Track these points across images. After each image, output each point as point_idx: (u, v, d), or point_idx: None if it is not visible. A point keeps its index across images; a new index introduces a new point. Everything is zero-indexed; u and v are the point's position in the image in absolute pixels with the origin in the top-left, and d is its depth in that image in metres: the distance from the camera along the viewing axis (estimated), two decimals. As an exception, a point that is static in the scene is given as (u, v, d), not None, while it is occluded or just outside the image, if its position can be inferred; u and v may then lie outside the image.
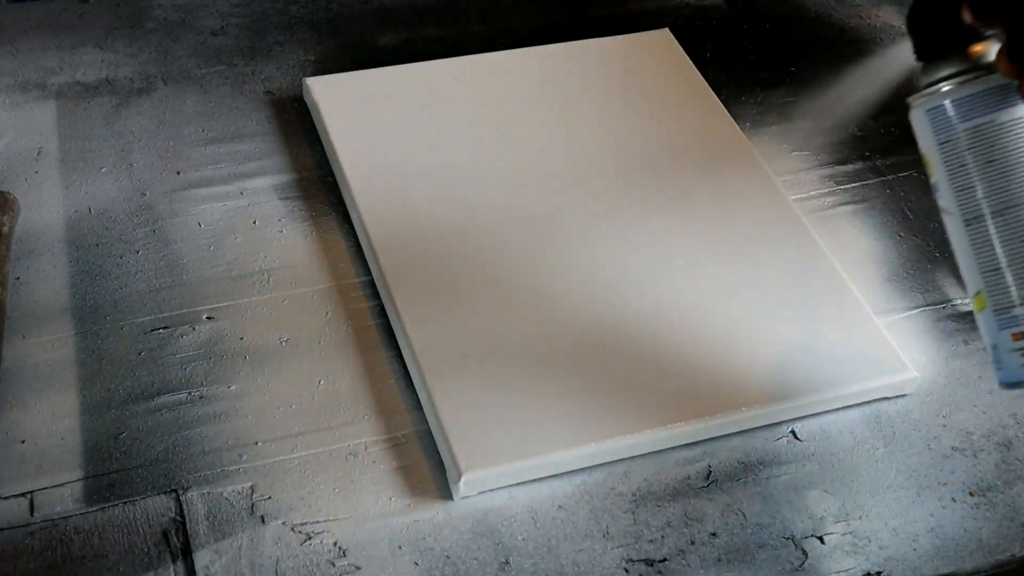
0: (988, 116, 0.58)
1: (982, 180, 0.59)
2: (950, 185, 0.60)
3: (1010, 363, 0.60)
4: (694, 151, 0.86)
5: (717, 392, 0.71)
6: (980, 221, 0.60)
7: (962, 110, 0.59)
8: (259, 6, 0.97)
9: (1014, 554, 0.68)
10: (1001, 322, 0.60)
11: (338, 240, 0.80)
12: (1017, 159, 0.58)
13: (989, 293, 0.60)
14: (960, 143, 0.59)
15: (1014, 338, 0.60)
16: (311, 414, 0.70)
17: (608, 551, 0.65)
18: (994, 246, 0.59)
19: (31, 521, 0.63)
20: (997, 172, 0.59)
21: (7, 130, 0.84)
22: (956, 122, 0.59)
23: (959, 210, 0.60)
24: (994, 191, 0.59)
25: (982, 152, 0.59)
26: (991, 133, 0.58)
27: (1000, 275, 0.60)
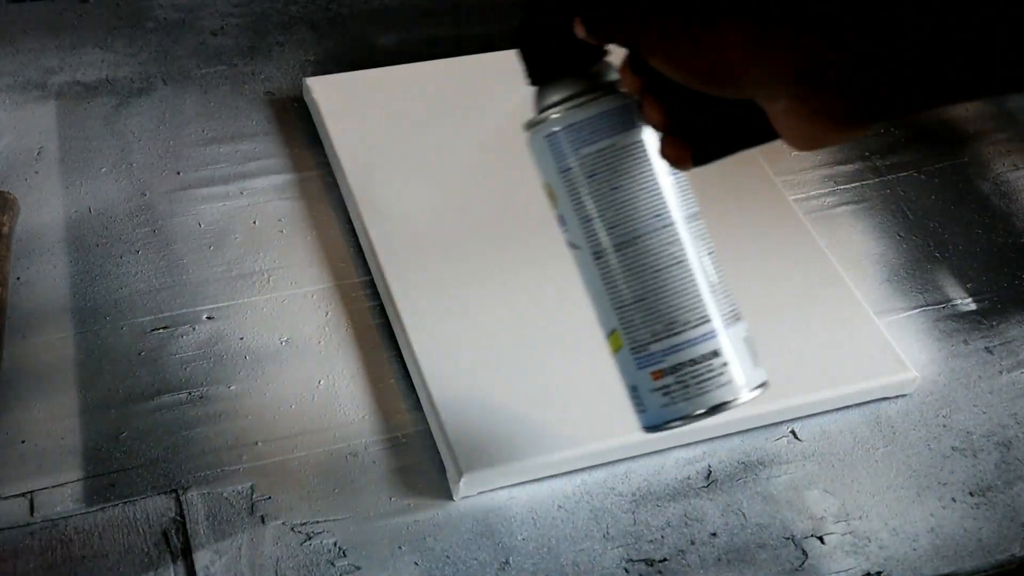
0: (609, 140, 0.54)
1: (606, 210, 0.54)
2: (576, 217, 0.55)
3: (652, 404, 0.56)
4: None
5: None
6: (607, 254, 0.55)
7: (581, 135, 0.54)
8: (259, 6, 0.97)
9: (1014, 554, 0.68)
10: (639, 361, 0.56)
11: (338, 240, 0.80)
12: (642, 184, 0.54)
13: (624, 331, 0.56)
14: (582, 170, 0.54)
15: (654, 376, 0.55)
16: (311, 414, 0.70)
17: (608, 551, 0.65)
18: (625, 280, 0.55)
19: (31, 521, 0.63)
20: (622, 200, 0.54)
21: (7, 130, 0.84)
22: (576, 148, 0.54)
23: (587, 243, 0.56)
24: (621, 220, 0.54)
25: (606, 179, 0.54)
26: (613, 158, 0.54)
27: (633, 310, 0.55)
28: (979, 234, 0.86)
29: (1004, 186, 0.91)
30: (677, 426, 0.56)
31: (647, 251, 0.55)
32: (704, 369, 0.55)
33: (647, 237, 0.54)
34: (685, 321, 0.55)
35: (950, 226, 0.87)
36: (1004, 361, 0.78)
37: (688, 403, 0.55)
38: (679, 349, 0.55)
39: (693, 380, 0.55)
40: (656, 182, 0.55)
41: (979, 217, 0.88)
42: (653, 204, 0.54)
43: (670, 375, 0.55)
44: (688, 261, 0.55)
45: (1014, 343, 0.79)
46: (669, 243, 0.55)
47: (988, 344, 0.79)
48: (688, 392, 0.55)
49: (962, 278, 0.83)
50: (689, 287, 0.55)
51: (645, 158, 0.54)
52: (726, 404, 0.55)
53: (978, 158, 0.93)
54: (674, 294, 0.55)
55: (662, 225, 0.55)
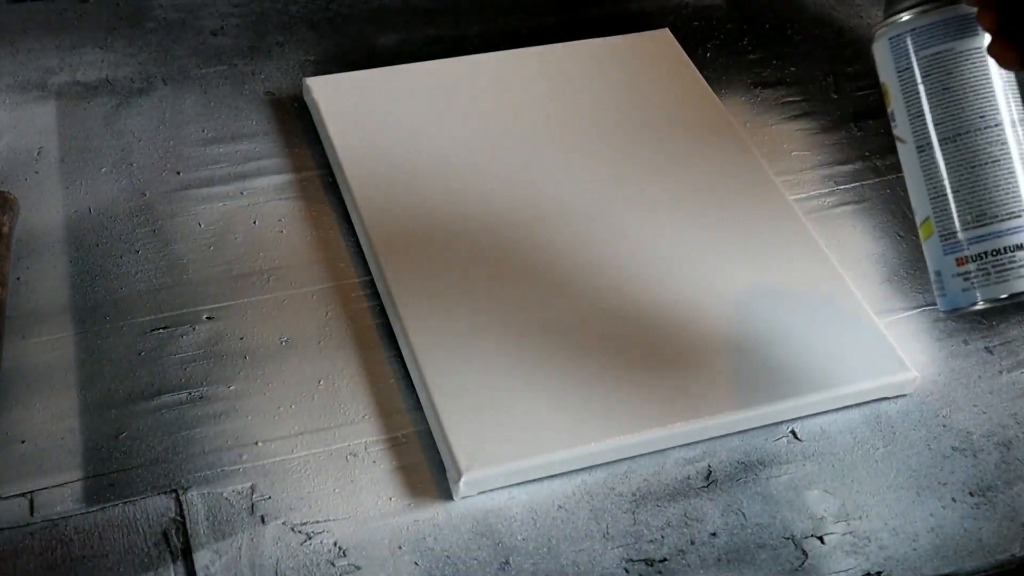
0: (946, 45, 0.61)
1: (936, 107, 0.61)
2: (906, 112, 0.63)
3: (953, 288, 0.62)
4: (694, 151, 0.86)
5: (717, 392, 0.71)
6: (931, 148, 0.62)
7: (922, 38, 0.61)
8: (259, 6, 0.97)
9: (1014, 554, 0.68)
10: (946, 247, 0.62)
11: (338, 240, 0.80)
12: (971, 87, 0.61)
13: (936, 219, 0.62)
14: (917, 71, 0.62)
15: (958, 263, 0.61)
16: (311, 414, 0.70)
17: (608, 551, 0.65)
18: (943, 172, 0.62)
19: (31, 521, 0.63)
20: (950, 99, 0.61)
21: (7, 130, 0.84)
22: (915, 50, 0.61)
23: (912, 137, 0.62)
24: (946, 118, 0.61)
25: (938, 79, 0.61)
26: (948, 61, 0.61)
27: (947, 201, 0.62)
28: (979, 234, 0.86)
29: (1004, 186, 0.91)
30: (974, 309, 0.62)
31: (968, 147, 0.61)
32: (1007, 260, 0.60)
33: (970, 135, 0.61)
34: (995, 214, 0.60)
35: (950, 226, 0.87)
36: (1004, 361, 0.78)
37: (987, 289, 0.61)
38: (985, 239, 0.61)
39: (995, 268, 0.61)
40: (984, 86, 0.61)
41: (979, 217, 0.88)
42: (979, 105, 0.61)
43: (973, 262, 0.61)
44: (1005, 159, 0.61)
45: (1014, 343, 0.79)
46: (990, 142, 0.61)
47: (988, 344, 0.79)
48: (988, 279, 0.61)
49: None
50: (1003, 183, 0.61)
51: (975, 64, 0.61)
52: (1019, 295, 0.61)
53: (978, 158, 0.93)
54: (987, 188, 0.61)
55: (985, 125, 0.61)
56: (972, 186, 0.61)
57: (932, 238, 0.63)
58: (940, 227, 0.62)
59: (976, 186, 0.61)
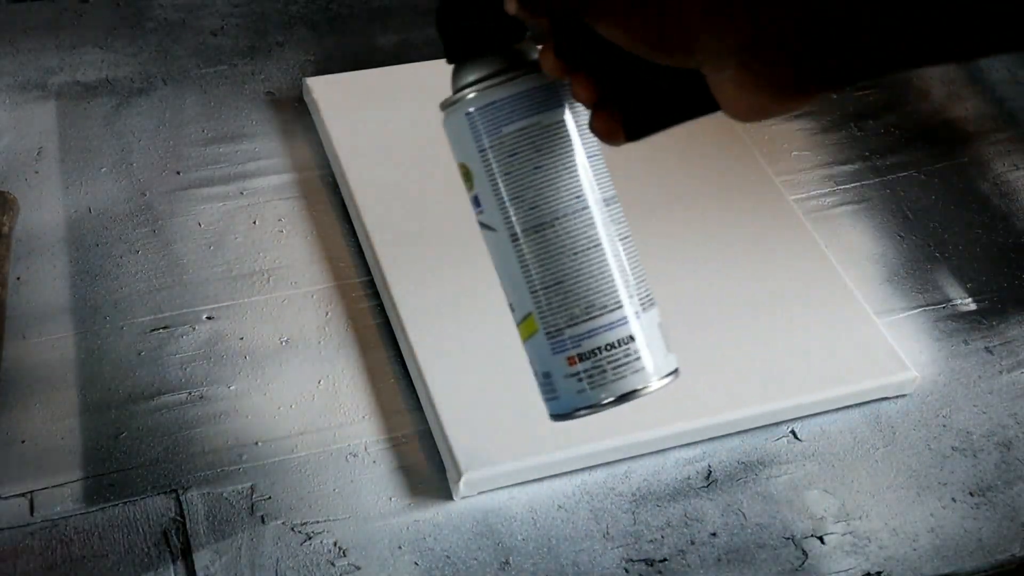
0: (532, 119, 0.52)
1: (528, 189, 0.53)
2: (493, 197, 0.54)
3: (567, 390, 0.54)
4: (694, 151, 0.86)
5: (717, 392, 0.71)
6: (528, 235, 0.53)
7: (503, 113, 0.53)
8: (259, 6, 0.97)
9: (1014, 554, 0.68)
10: (555, 346, 0.54)
11: (338, 240, 0.80)
12: (564, 164, 0.53)
13: (540, 315, 0.54)
14: (503, 149, 0.53)
15: (569, 362, 0.54)
16: (311, 414, 0.70)
17: (608, 551, 0.65)
18: (544, 262, 0.53)
19: (31, 521, 0.63)
20: (543, 180, 0.53)
21: (7, 130, 0.84)
22: (497, 127, 0.53)
23: (504, 225, 0.54)
24: (541, 201, 0.53)
25: (527, 158, 0.53)
26: (536, 137, 0.53)
27: (551, 294, 0.54)
28: (979, 234, 0.86)
29: (1004, 186, 0.91)
30: (586, 414, 0.54)
31: (566, 233, 0.53)
32: (621, 354, 0.53)
33: (566, 219, 0.53)
34: (603, 305, 0.53)
35: (950, 226, 0.87)
36: (1004, 361, 0.78)
37: (602, 390, 0.53)
38: (596, 333, 0.53)
39: (610, 365, 0.53)
40: (576, 163, 0.53)
41: (979, 217, 0.88)
42: (573, 186, 0.53)
43: (587, 360, 0.53)
44: (603, 245, 0.53)
45: (1014, 343, 0.79)
46: (587, 225, 0.53)
47: (988, 344, 0.79)
48: (605, 378, 0.53)
49: (962, 278, 0.83)
50: (605, 270, 0.53)
51: (567, 138, 0.53)
52: (637, 392, 0.54)
53: (978, 158, 0.93)
54: (591, 277, 0.53)
55: (581, 207, 0.53)
56: (575, 276, 0.53)
57: (537, 336, 0.54)
58: (545, 324, 0.54)
59: (579, 275, 0.53)
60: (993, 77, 1.00)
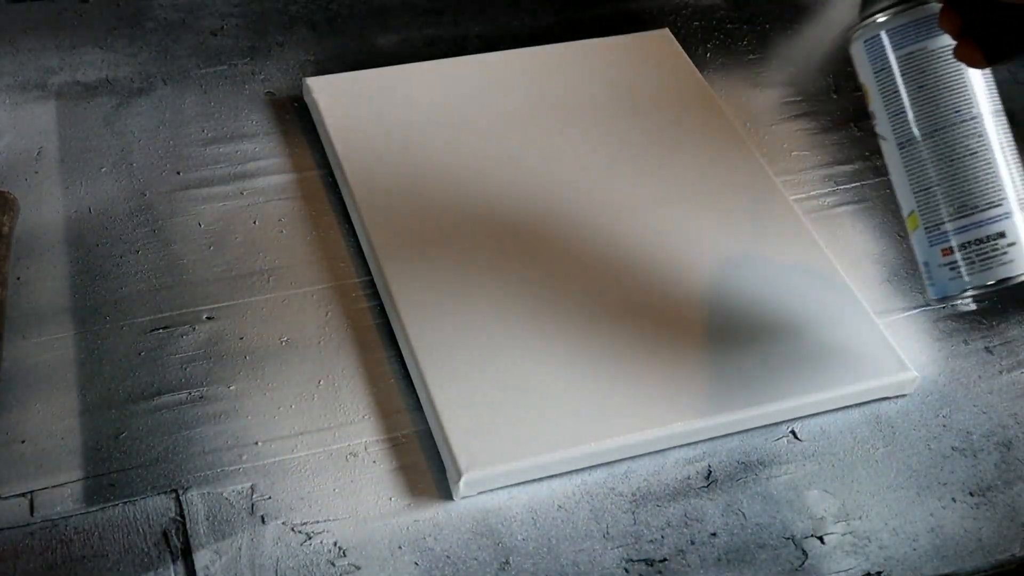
0: (920, 44, 0.63)
1: (914, 104, 0.63)
2: (885, 111, 0.64)
3: (940, 278, 0.64)
4: (694, 151, 0.86)
5: (717, 392, 0.71)
6: (912, 144, 0.64)
7: (896, 38, 0.63)
8: (259, 6, 0.97)
9: (1014, 554, 0.68)
10: (932, 239, 0.64)
11: (338, 240, 0.80)
12: (946, 83, 0.63)
13: (921, 212, 0.64)
14: (894, 70, 0.64)
15: (943, 254, 0.64)
16: (311, 414, 0.70)
17: (608, 551, 0.65)
18: (925, 167, 0.63)
19: (31, 521, 0.63)
20: (927, 96, 0.63)
21: (7, 130, 0.84)
22: (891, 50, 0.64)
23: (893, 134, 0.64)
24: (925, 114, 0.63)
25: (914, 78, 0.63)
26: (922, 60, 0.63)
27: (931, 194, 0.63)
28: (979, 234, 0.86)
29: (1004, 186, 0.91)
30: (961, 297, 0.65)
31: (946, 141, 0.63)
32: (990, 248, 0.62)
33: (947, 130, 0.63)
34: (975, 205, 0.62)
35: (950, 226, 0.87)
36: (1004, 361, 0.78)
37: (973, 277, 0.63)
38: (967, 229, 0.63)
39: (979, 257, 0.63)
40: (958, 81, 0.63)
41: (979, 217, 0.88)
42: (954, 101, 0.63)
43: (958, 252, 0.63)
44: (982, 151, 0.63)
45: (1014, 343, 0.79)
46: (967, 135, 0.63)
47: (988, 344, 0.79)
48: (973, 267, 0.63)
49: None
50: (982, 174, 0.62)
51: (949, 61, 0.63)
52: (1009, 279, 0.63)
53: (978, 158, 0.93)
54: (967, 180, 0.63)
55: (961, 120, 0.63)
56: (953, 178, 0.63)
57: (918, 230, 0.65)
58: (925, 219, 0.64)
59: (957, 178, 0.63)
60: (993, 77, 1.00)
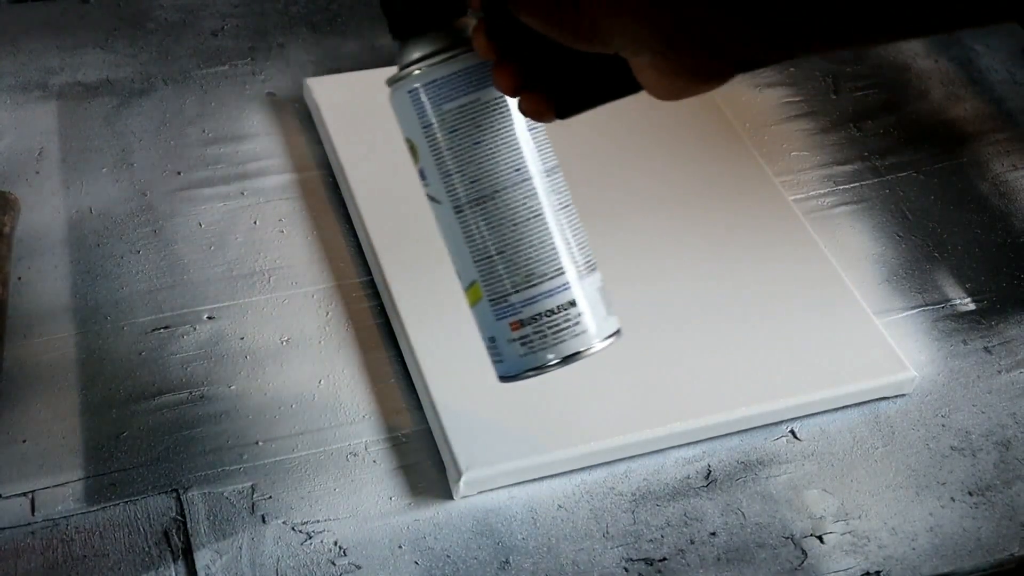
0: (471, 96, 0.55)
1: (469, 164, 0.56)
2: (438, 171, 0.56)
3: (511, 354, 0.57)
4: (693, 152, 0.86)
5: (717, 392, 0.71)
6: (471, 207, 0.56)
7: (443, 91, 0.55)
8: (259, 6, 0.97)
9: (1013, 553, 0.68)
10: (498, 312, 0.57)
11: (338, 240, 0.80)
12: (503, 139, 0.56)
13: (484, 283, 0.57)
14: (445, 125, 0.55)
15: (512, 327, 0.57)
16: (311, 414, 0.70)
17: (608, 550, 0.65)
18: (486, 233, 0.56)
19: (32, 520, 0.63)
20: (483, 155, 0.55)
21: (8, 130, 0.84)
22: (439, 103, 0.55)
23: (448, 198, 0.57)
24: (482, 174, 0.56)
25: (468, 134, 0.55)
26: (475, 113, 0.55)
27: (493, 263, 0.57)
28: (978, 234, 0.87)
29: (1003, 186, 0.91)
30: (532, 376, 0.57)
31: (507, 204, 0.56)
32: (561, 319, 0.56)
33: (507, 191, 0.56)
34: (543, 272, 0.56)
35: (949, 226, 0.87)
36: (1003, 361, 0.78)
37: (545, 352, 0.57)
38: (537, 300, 0.56)
39: (550, 329, 0.57)
40: (516, 137, 0.56)
41: (978, 217, 0.88)
42: (513, 159, 0.56)
43: (528, 325, 0.57)
44: (545, 214, 0.56)
45: (1013, 343, 0.79)
46: (528, 196, 0.56)
47: (987, 344, 0.79)
48: (546, 341, 0.57)
49: (961, 278, 0.83)
50: (546, 239, 0.56)
51: (506, 113, 0.56)
52: (580, 353, 0.57)
53: (977, 158, 0.93)
54: (532, 246, 0.56)
55: (522, 179, 0.56)
56: (516, 245, 0.56)
57: (482, 302, 0.58)
58: (489, 291, 0.57)
59: (520, 244, 0.56)
60: (992, 77, 1.00)
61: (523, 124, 0.56)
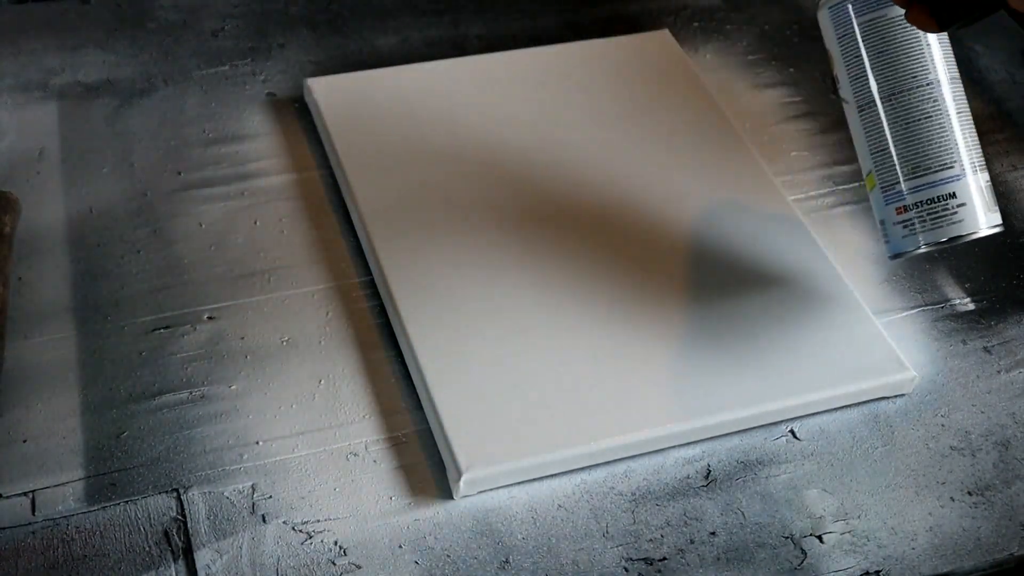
0: (880, 11, 0.66)
1: (874, 68, 0.67)
2: (847, 75, 0.68)
3: (895, 235, 0.68)
4: (693, 152, 0.86)
5: (717, 392, 0.71)
6: (872, 106, 0.68)
7: (859, 6, 0.67)
8: (259, 6, 0.97)
9: (1012, 553, 0.68)
10: (887, 198, 0.68)
11: (338, 240, 0.80)
12: (904, 50, 0.66)
13: (877, 172, 0.68)
14: (857, 36, 0.67)
15: (898, 212, 0.67)
16: (311, 414, 0.70)
17: (608, 550, 0.65)
18: (883, 128, 0.67)
19: (33, 520, 0.63)
20: (886, 62, 0.67)
21: (9, 130, 0.84)
22: (854, 17, 0.67)
23: (854, 97, 0.68)
24: (883, 78, 0.67)
25: (875, 44, 0.67)
26: (883, 27, 0.66)
27: (887, 155, 0.67)
28: (978, 234, 0.87)
29: (1003, 186, 0.91)
30: (913, 253, 0.68)
31: (903, 104, 0.66)
32: (941, 207, 0.66)
33: (905, 94, 0.66)
34: (928, 166, 0.66)
35: (949, 226, 0.87)
36: (1002, 361, 0.78)
37: (925, 235, 0.67)
38: (921, 189, 0.67)
39: (930, 216, 0.66)
40: (915, 48, 0.66)
41: (978, 217, 0.88)
42: (911, 66, 0.66)
43: (911, 211, 0.67)
44: (936, 116, 0.66)
45: (1012, 343, 0.79)
46: (923, 100, 0.66)
47: (986, 344, 0.79)
48: (926, 226, 0.67)
49: (960, 278, 0.83)
50: (936, 137, 0.66)
51: (908, 28, 0.66)
52: (959, 238, 0.67)
53: (977, 158, 0.93)
54: (922, 142, 0.66)
55: (918, 84, 0.66)
56: (908, 140, 0.67)
57: (875, 190, 0.68)
58: (881, 179, 0.68)
59: (911, 140, 0.66)
60: (992, 78, 1.00)
61: (926, 38, 0.66)
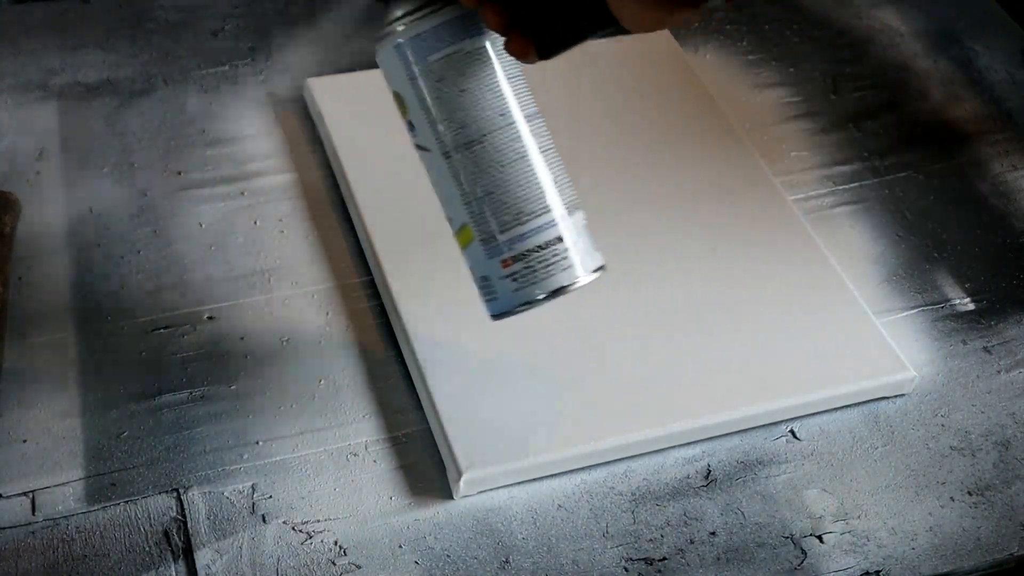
0: (454, 47, 0.58)
1: (457, 111, 0.59)
2: (426, 120, 0.60)
3: (503, 290, 0.61)
4: (693, 152, 0.86)
5: (717, 392, 0.71)
6: (459, 152, 0.59)
7: (427, 43, 0.58)
8: (259, 6, 0.97)
9: (1012, 553, 0.68)
10: (489, 251, 0.60)
11: (338, 240, 0.80)
12: (487, 86, 0.59)
13: (474, 224, 0.60)
14: (431, 76, 0.58)
15: (503, 265, 0.60)
16: (311, 414, 0.70)
17: (608, 550, 0.65)
18: (475, 176, 0.59)
19: (33, 520, 0.63)
20: (469, 102, 0.59)
21: (9, 130, 0.84)
22: (423, 56, 0.58)
23: (437, 145, 0.60)
24: (469, 120, 0.59)
25: (453, 83, 0.58)
26: (461, 63, 0.58)
27: (482, 204, 0.60)
28: (977, 234, 0.87)
29: (1002, 186, 0.91)
30: (524, 310, 0.61)
31: (493, 148, 0.59)
32: (549, 254, 0.60)
33: (493, 135, 0.59)
34: (530, 211, 0.59)
35: (949, 226, 0.87)
36: (1002, 361, 0.78)
37: (535, 287, 0.60)
38: (525, 237, 0.59)
39: (540, 265, 0.60)
40: (499, 84, 0.59)
41: (977, 217, 0.88)
42: (497, 104, 0.59)
43: (518, 262, 0.60)
44: (530, 156, 0.59)
45: (1012, 343, 0.79)
46: (512, 140, 0.59)
47: (986, 344, 0.79)
48: (535, 276, 0.60)
49: (960, 278, 0.83)
50: (532, 180, 0.59)
51: (488, 61, 0.59)
52: (567, 287, 0.60)
53: (977, 158, 0.93)
54: (518, 187, 0.59)
55: (506, 123, 0.59)
56: (504, 186, 0.59)
57: (473, 244, 0.61)
58: (479, 232, 0.60)
59: (508, 185, 0.59)
60: (991, 78, 1.00)
61: (504, 73, 0.59)
